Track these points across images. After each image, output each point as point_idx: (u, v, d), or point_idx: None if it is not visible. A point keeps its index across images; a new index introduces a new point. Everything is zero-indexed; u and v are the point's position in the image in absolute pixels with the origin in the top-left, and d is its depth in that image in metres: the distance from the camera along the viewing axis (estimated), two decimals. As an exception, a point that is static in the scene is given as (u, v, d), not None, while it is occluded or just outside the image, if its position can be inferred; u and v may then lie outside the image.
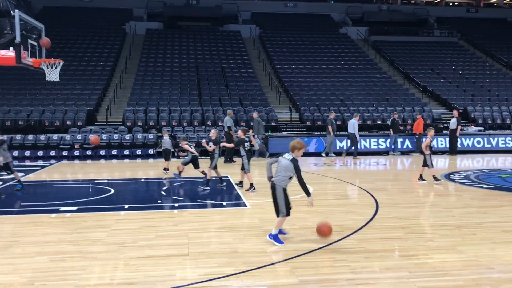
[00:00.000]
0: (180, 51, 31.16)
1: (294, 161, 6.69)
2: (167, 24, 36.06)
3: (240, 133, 11.66)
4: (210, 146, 11.48)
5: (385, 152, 20.65)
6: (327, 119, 19.52)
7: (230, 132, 17.57)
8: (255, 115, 19.24)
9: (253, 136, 18.53)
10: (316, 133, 21.78)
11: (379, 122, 23.29)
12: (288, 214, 6.75)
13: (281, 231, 6.92)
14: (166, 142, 14.70)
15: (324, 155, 19.62)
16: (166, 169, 14.32)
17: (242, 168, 11.28)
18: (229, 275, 5.48)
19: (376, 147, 20.83)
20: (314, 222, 7.98)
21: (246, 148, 11.30)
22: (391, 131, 20.25)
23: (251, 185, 11.02)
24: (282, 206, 6.74)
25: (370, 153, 20.17)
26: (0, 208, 9.61)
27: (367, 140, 20.90)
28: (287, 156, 6.78)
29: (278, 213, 6.80)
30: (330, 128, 18.97)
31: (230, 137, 17.30)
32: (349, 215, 8.59)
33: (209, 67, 28.89)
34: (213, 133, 11.84)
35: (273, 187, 6.82)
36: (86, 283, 5.31)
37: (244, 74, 28.36)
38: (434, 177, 12.34)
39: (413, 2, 45.01)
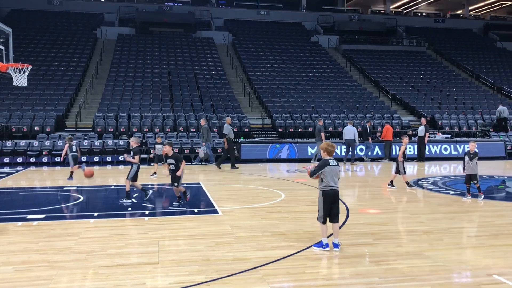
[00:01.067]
0: (152, 57, 30.92)
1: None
2: (139, 29, 35.77)
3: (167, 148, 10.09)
4: (133, 158, 10.57)
5: (358, 159, 20.87)
6: (317, 126, 19.68)
7: (224, 139, 17.56)
8: (202, 122, 19.17)
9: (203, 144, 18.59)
10: (288, 139, 21.92)
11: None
12: None
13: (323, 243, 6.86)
14: (160, 147, 14.79)
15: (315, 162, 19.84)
16: (155, 173, 15.23)
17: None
18: (200, 283, 5.45)
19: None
20: (286, 229, 8.04)
21: (171, 167, 10.06)
22: (370, 139, 20.69)
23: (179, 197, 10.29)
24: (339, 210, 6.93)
25: (341, 159, 20.38)
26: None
27: (338, 147, 21.16)
28: (334, 161, 6.82)
29: (338, 218, 6.86)
30: (323, 135, 19.23)
31: (230, 145, 17.62)
32: (320, 222, 8.65)
33: (181, 73, 28.75)
34: (133, 142, 10.84)
35: (338, 193, 6.84)
36: (53, 293, 5.18)
37: (217, 81, 28.35)
38: (407, 183, 12.67)
39: (382, 12, 46.00)
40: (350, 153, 19.81)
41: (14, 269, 5.98)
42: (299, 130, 23.30)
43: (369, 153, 21.17)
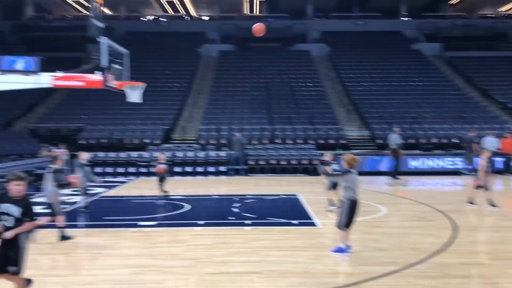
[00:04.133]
0: (251, 71, 31.84)
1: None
2: (239, 45, 37.03)
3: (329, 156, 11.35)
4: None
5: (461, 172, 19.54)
6: (467, 137, 19.08)
7: (398, 151, 17.51)
8: None
9: None
10: (387, 151, 21.21)
11: (455, 140, 22.25)
12: None
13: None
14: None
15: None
16: None
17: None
18: (302, 295, 5.50)
19: (452, 166, 19.89)
20: (388, 244, 7.81)
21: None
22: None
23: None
24: None
25: (446, 172, 19.30)
26: (84, 222, 10.30)
27: (443, 159, 20.07)
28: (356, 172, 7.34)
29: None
30: (475, 146, 18.48)
31: (397, 155, 17.44)
32: (426, 238, 8.29)
33: (279, 86, 29.26)
34: (328, 156, 11.43)
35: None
36: (166, 296, 5.55)
37: (314, 93, 28.40)
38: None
39: (491, 16, 42.96)
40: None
41: (130, 271, 6.50)
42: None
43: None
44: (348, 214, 7.14)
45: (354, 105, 27.13)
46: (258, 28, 9.59)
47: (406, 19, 40.42)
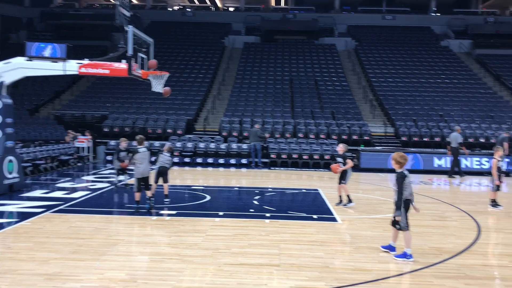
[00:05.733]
0: (275, 64, 31.71)
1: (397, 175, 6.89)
2: (264, 37, 36.90)
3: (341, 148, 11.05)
4: (345, 164, 10.83)
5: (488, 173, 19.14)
6: (500, 137, 18.61)
7: (458, 150, 17.71)
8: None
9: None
10: (412, 149, 20.91)
11: (482, 140, 21.79)
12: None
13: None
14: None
15: None
16: None
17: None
18: (320, 290, 5.46)
19: (478, 166, 19.50)
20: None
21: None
22: None
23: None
24: None
25: (472, 173, 18.92)
26: (106, 208, 10.45)
27: (468, 159, 19.65)
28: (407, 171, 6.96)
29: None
30: (505, 145, 17.64)
31: (458, 153, 17.67)
32: (448, 238, 8.15)
33: (302, 80, 29.06)
34: (340, 148, 11.12)
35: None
36: (183, 285, 5.58)
37: (338, 87, 28.12)
38: (494, 202, 11.33)
39: (525, 12, 41.74)
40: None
41: (150, 259, 6.56)
42: (425, 139, 22.09)
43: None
44: (406, 214, 6.85)
45: (379, 101, 26.80)
46: (166, 91, 12.02)
47: (435, 14, 39.65)
